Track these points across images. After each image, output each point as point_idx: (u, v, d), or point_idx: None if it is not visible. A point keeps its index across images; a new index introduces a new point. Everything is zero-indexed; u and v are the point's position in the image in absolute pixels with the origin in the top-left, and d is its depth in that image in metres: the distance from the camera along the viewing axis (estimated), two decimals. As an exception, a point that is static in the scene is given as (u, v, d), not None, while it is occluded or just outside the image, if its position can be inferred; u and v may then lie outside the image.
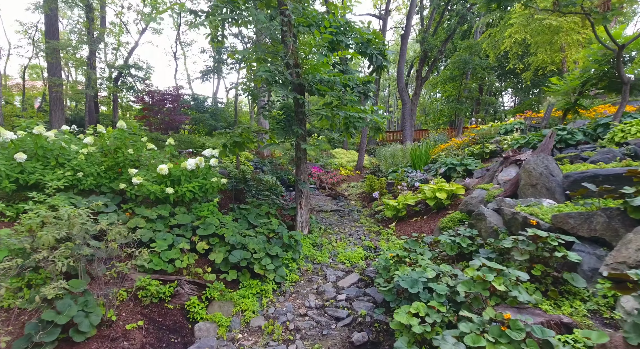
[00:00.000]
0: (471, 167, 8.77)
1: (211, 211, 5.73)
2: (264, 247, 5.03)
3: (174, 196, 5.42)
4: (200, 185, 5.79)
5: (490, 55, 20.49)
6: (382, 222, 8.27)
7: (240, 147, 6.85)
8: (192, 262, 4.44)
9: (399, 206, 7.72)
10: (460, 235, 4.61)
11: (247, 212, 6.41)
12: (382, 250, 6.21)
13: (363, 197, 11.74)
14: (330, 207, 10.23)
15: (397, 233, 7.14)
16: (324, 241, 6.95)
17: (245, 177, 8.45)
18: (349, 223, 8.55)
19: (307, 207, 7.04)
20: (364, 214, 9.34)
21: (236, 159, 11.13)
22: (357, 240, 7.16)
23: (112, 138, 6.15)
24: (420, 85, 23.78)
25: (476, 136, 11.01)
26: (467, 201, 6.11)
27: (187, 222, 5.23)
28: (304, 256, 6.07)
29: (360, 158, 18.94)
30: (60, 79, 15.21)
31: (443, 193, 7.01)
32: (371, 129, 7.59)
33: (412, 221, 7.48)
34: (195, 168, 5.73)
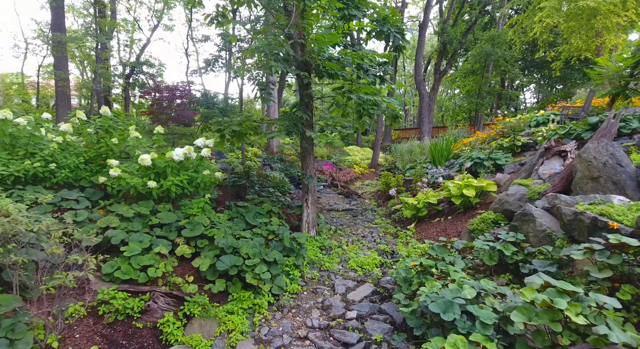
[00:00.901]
0: (501, 162, 7.76)
1: (202, 208, 4.95)
2: (260, 252, 4.21)
3: (158, 191, 4.66)
4: (190, 178, 5.02)
5: (516, 44, 19.20)
6: (399, 223, 7.36)
7: (240, 137, 6.07)
8: (170, 269, 3.65)
9: (419, 204, 6.80)
10: (501, 240, 3.68)
11: (246, 211, 5.62)
12: (401, 256, 5.32)
13: (378, 195, 10.84)
14: (342, 206, 9.36)
15: (417, 235, 6.23)
16: (334, 244, 6.11)
17: (248, 173, 7.68)
18: (362, 224, 7.67)
19: (315, 205, 6.21)
20: (379, 214, 8.44)
21: (242, 154, 10.39)
22: (371, 243, 6.28)
23: (93, 126, 5.46)
24: (438, 80, 22.65)
25: (504, 128, 9.95)
26: (503, 198, 5.16)
27: (171, 222, 4.46)
28: (309, 261, 5.23)
29: (375, 155, 17.99)
30: (66, 72, 14.80)
31: (471, 190, 6.06)
32: (388, 118, 6.70)
33: (434, 221, 6.56)
34: (183, 159, 4.96)
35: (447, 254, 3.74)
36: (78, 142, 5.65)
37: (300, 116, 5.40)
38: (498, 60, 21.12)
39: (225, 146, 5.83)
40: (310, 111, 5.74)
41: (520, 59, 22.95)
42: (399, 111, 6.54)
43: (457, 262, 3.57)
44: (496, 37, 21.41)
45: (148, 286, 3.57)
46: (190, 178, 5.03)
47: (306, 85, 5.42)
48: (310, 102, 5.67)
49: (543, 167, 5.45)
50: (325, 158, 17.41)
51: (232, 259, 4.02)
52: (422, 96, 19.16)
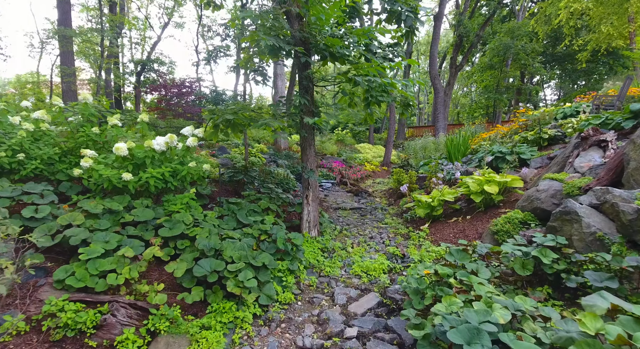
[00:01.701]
0: (525, 156, 6.98)
1: (186, 204, 4.39)
2: (247, 255, 3.61)
3: (135, 185, 4.12)
4: (173, 171, 4.47)
5: (539, 34, 18.14)
6: (411, 223, 6.68)
7: (234, 127, 5.49)
8: (135, 275, 3.08)
9: (433, 202, 6.11)
10: (535, 244, 2.99)
11: (238, 208, 5.04)
12: (413, 260, 4.65)
13: (389, 194, 10.15)
14: (350, 205, 8.72)
15: (431, 237, 5.54)
16: (337, 246, 5.47)
17: (247, 168, 7.11)
18: (370, 223, 7.01)
19: (317, 202, 5.58)
20: (390, 213, 7.76)
21: (245, 150, 9.85)
22: (379, 245, 5.62)
23: (71, 114, 4.97)
24: (454, 75, 21.71)
25: (528, 121, 9.12)
26: (532, 195, 4.44)
27: (147, 219, 3.91)
28: (308, 265, 4.61)
29: (388, 153, 17.25)
30: (72, 68, 14.56)
31: (493, 186, 5.34)
32: (400, 106, 6.03)
33: (451, 222, 5.85)
34: (166, 149, 4.41)
35: (469, 261, 3.06)
36: (58, 132, 5.18)
37: (298, 102, 4.79)
38: (518, 54, 20.12)
39: (218, 136, 5.26)
40: (310, 96, 5.12)
41: (541, 52, 21.79)
42: (412, 98, 5.86)
43: (481, 270, 2.89)
44: (516, 29, 20.39)
45: (109, 296, 3.01)
46: (173, 171, 4.48)
47: (304, 65, 4.80)
48: (309, 85, 5.05)
49: (579, 160, 4.69)
50: (335, 155, 16.77)
51: (213, 263, 3.43)
52: (437, 91, 18.30)
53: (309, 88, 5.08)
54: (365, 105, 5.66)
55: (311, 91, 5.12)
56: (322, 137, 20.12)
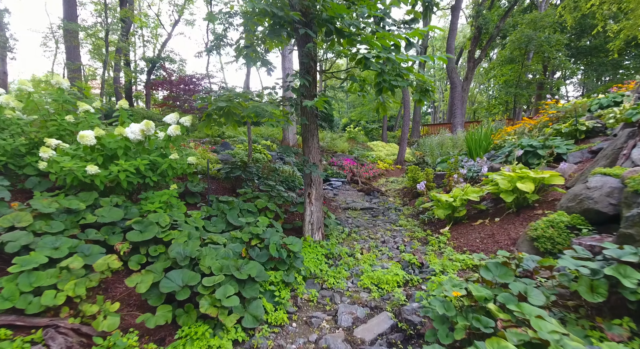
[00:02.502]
0: (560, 150, 6.12)
1: (165, 203, 3.75)
2: (230, 265, 2.93)
3: (104, 179, 3.49)
4: (151, 164, 3.83)
5: (567, 22, 17.01)
6: (429, 226, 5.91)
7: (228, 116, 4.83)
8: (82, 292, 2.43)
9: (455, 202, 5.33)
10: (603, 258, 2.21)
11: (229, 208, 4.38)
12: (433, 271, 3.89)
13: (404, 193, 9.37)
14: (360, 205, 7.98)
15: (453, 242, 4.77)
16: (344, 251, 4.76)
17: (246, 163, 6.46)
18: (382, 226, 6.26)
19: (320, 201, 4.88)
20: (405, 214, 7.00)
21: (249, 145, 9.22)
22: (392, 251, 4.88)
23: (42, 101, 4.39)
24: (472, 69, 20.70)
25: (559, 112, 8.21)
26: (581, 194, 3.64)
27: (116, 220, 3.27)
28: (308, 274, 3.91)
29: (402, 151, 16.42)
30: (76, 63, 14.24)
31: (528, 183, 4.53)
32: (416, 92, 5.27)
33: (476, 224, 5.07)
34: (143, 138, 3.77)
35: (512, 279, 2.31)
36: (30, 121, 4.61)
37: (298, 84, 4.09)
38: (541, 45, 18.97)
39: (212, 127, 4.62)
40: (312, 77, 4.41)
41: (566, 44, 20.57)
42: (431, 82, 5.11)
43: (531, 293, 2.14)
44: (539, 19, 19.23)
45: (48, 318, 2.37)
46: (152, 163, 3.84)
47: (303, 39, 4.10)
48: (310, 63, 4.34)
49: (638, 151, 3.86)
50: (347, 153, 16.03)
51: (186, 275, 2.76)
52: (454, 85, 17.37)
53: (310, 68, 4.37)
54: (377, 91, 4.93)
55: (313, 71, 4.42)
56: (333, 134, 19.38)
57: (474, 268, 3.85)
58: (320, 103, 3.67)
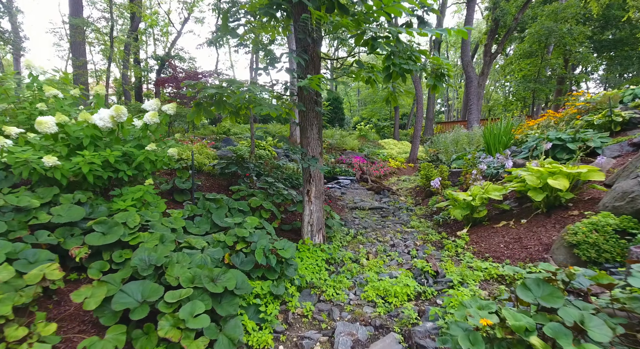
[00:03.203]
0: (594, 144, 5.44)
1: (140, 200, 3.27)
2: (203, 275, 2.42)
3: (67, 173, 3.03)
4: (126, 156, 3.36)
5: (593, 10, 16.07)
6: (445, 228, 5.31)
7: (219, 105, 4.34)
8: (6, 312, 1.94)
9: (474, 201, 4.72)
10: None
11: (217, 206, 3.87)
12: (450, 282, 3.30)
13: (416, 192, 8.75)
14: (369, 204, 7.41)
15: (473, 247, 4.17)
16: (347, 256, 4.21)
17: (243, 158, 5.97)
18: (392, 227, 5.68)
19: (321, 199, 4.34)
20: (417, 215, 6.40)
21: (251, 140, 8.74)
22: (403, 256, 4.31)
23: (9, 86, 3.97)
24: (488, 64, 19.83)
25: (590, 103, 7.47)
26: (632, 191, 3.01)
27: (76, 220, 2.80)
28: (304, 284, 3.37)
29: (414, 149, 15.74)
30: (81, 59, 14.04)
31: (562, 180, 3.90)
32: (431, 77, 4.69)
33: (499, 226, 4.45)
34: (113, 126, 3.30)
35: (561, 301, 1.72)
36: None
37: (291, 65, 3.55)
38: (563, 38, 18.01)
39: (201, 117, 4.14)
40: (311, 57, 3.87)
41: (590, 36, 19.52)
42: (448, 66, 4.52)
43: (590, 323, 1.55)
44: (560, 11, 18.26)
45: (-36, 341, 1.90)
46: (125, 155, 3.37)
47: (298, 9, 3.56)
48: (307, 40, 3.79)
49: (700, 140, 3.20)
50: (357, 151, 15.44)
51: (147, 288, 2.26)
52: (470, 80, 16.58)
53: (307, 45, 3.83)
54: (386, 77, 4.40)
55: (311, 50, 3.87)
56: (342, 131, 18.81)
57: (500, 279, 3.26)
58: (314, 83, 3.13)
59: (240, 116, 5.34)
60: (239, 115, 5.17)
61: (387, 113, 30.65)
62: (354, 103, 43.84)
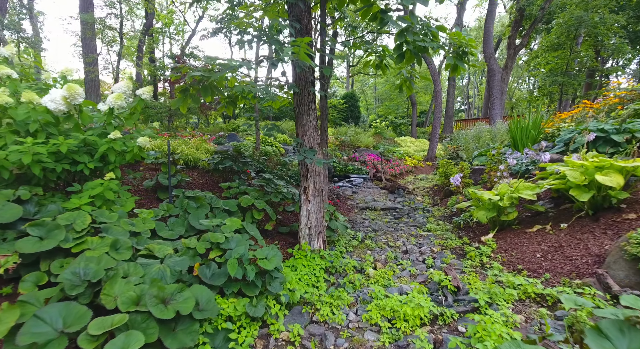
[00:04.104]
0: (644, 135, 4.64)
1: (99, 197, 2.76)
2: (150, 295, 1.87)
3: (8, 164, 2.54)
4: (86, 145, 2.86)
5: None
6: (466, 231, 4.63)
7: (206, 91, 3.80)
8: None
9: (501, 201, 4.02)
10: None
11: (197, 206, 3.33)
12: (475, 302, 2.64)
13: (434, 191, 8.04)
14: (381, 204, 6.76)
15: (501, 256, 3.49)
16: (351, 265, 3.59)
17: (239, 152, 5.43)
18: (406, 230, 5.03)
19: (321, 198, 3.74)
20: (434, 216, 5.72)
21: (256, 136, 8.22)
22: (416, 265, 3.66)
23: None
24: (512, 57, 18.76)
25: (634, 92, 6.58)
26: None
27: (9, 221, 2.30)
28: (295, 300, 2.78)
29: (432, 146, 14.95)
30: (90, 56, 13.90)
31: (614, 176, 3.18)
32: (451, 56, 4.02)
33: (532, 231, 3.75)
34: (68, 109, 2.79)
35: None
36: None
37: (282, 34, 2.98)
38: (595, 27, 16.79)
39: (188, 104, 3.61)
40: (305, 27, 3.27)
41: (624, 26, 18.17)
42: (471, 42, 3.86)
43: None
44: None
45: None
46: (86, 144, 2.86)
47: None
48: (299, 5, 3.18)
49: None
50: (371, 148, 14.76)
51: (70, 312, 1.73)
52: (492, 73, 15.62)
53: (301, 13, 3.22)
54: (398, 57, 3.77)
55: (306, 18, 3.27)
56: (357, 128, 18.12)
57: (539, 299, 2.58)
58: (302, 52, 2.53)
59: (237, 105, 4.84)
60: (235, 104, 4.68)
61: (404, 111, 29.76)
62: (371, 101, 42.99)
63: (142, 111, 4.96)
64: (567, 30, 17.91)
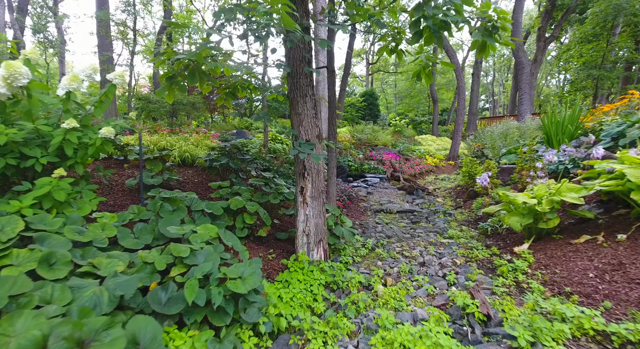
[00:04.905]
0: None
1: (47, 198, 2.30)
2: (54, 339, 1.37)
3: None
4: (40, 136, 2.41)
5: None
6: (495, 239, 3.97)
7: (193, 77, 3.32)
8: None
9: (540, 206, 3.34)
10: None
11: (173, 208, 2.84)
12: (511, 339, 2.02)
13: (457, 193, 7.34)
14: (398, 206, 6.13)
15: (541, 272, 2.83)
16: (356, 280, 3.01)
17: (238, 148, 4.93)
18: (424, 236, 4.40)
19: (321, 200, 3.18)
20: (457, 220, 5.06)
21: (264, 133, 7.74)
22: (436, 281, 3.04)
23: None
24: (542, 49, 17.65)
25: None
26: None
27: None
28: (280, 328, 2.24)
29: (455, 145, 14.11)
30: (104, 54, 13.85)
31: (692, 175, 2.47)
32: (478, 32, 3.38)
33: (579, 242, 3.07)
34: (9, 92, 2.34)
35: None
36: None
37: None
38: (636, 15, 15.48)
39: (175, 94, 3.16)
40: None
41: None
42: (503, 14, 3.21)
43: None
44: (632, -16, 15.70)
45: None
46: (36, 134, 2.42)
47: None
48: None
49: None
50: (389, 147, 14.06)
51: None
52: (521, 66, 14.60)
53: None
54: (415, 35, 3.19)
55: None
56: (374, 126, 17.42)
57: (601, 338, 1.94)
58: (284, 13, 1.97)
59: (237, 96, 4.38)
60: (235, 96, 4.24)
61: (425, 108, 28.74)
62: (391, 99, 42.03)
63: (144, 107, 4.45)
64: (603, 19, 16.61)
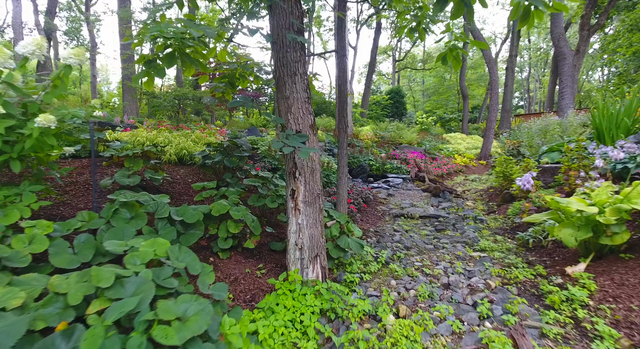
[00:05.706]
0: None
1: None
2: None
3: None
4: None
5: None
6: (538, 254, 3.22)
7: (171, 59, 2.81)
8: None
9: (602, 216, 2.58)
10: None
11: (131, 215, 2.32)
12: None
13: (489, 195, 6.52)
14: (421, 210, 5.41)
15: (608, 305, 2.09)
16: (360, 308, 2.38)
17: (236, 145, 4.41)
18: (450, 248, 3.69)
19: (317, 205, 2.57)
20: (490, 228, 4.30)
21: (275, 131, 7.20)
22: (463, 313, 2.36)
23: None
24: (586, 39, 16.14)
25: None
26: None
27: None
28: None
29: (487, 144, 13.08)
30: (126, 52, 13.84)
31: None
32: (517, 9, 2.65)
33: (659, 266, 2.29)
34: None
35: None
36: None
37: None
38: (696, -4, 13.79)
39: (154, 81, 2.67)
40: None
41: None
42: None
43: None
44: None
45: None
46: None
47: None
48: None
49: None
50: (415, 145, 13.20)
51: None
52: (562, 57, 13.33)
53: None
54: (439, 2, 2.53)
55: None
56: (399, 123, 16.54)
57: None
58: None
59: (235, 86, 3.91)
60: (234, 86, 3.79)
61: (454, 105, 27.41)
62: (418, 97, 40.69)
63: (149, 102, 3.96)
64: (658, 3, 14.98)
